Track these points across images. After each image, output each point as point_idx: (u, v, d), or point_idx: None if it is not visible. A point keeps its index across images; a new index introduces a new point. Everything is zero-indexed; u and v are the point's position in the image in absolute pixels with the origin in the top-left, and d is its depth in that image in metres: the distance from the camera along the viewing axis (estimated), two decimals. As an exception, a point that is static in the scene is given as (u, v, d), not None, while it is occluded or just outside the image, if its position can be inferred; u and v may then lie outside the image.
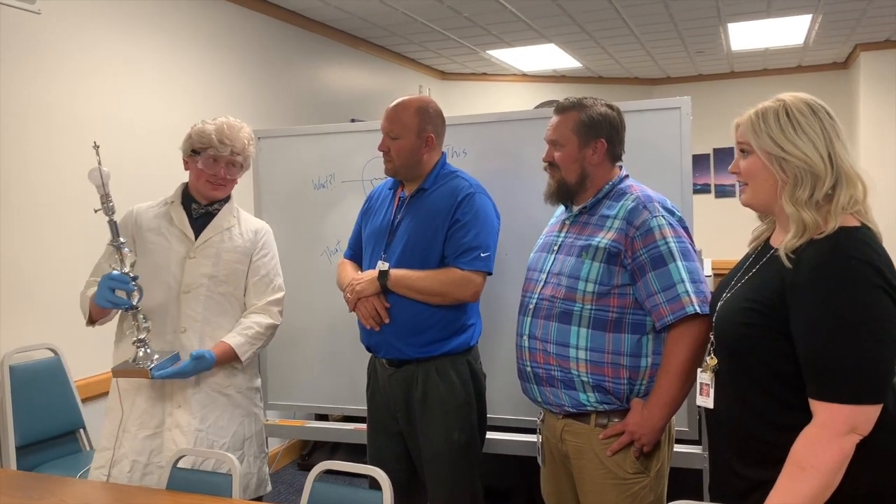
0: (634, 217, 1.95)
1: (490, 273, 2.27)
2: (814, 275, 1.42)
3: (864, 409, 1.39)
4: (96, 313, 2.26)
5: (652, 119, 2.57)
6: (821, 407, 1.40)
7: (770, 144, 1.51)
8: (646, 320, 1.96)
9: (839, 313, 1.39)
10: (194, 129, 2.30)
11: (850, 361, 1.38)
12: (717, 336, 1.63)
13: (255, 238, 2.39)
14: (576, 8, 4.80)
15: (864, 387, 1.39)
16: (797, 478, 1.40)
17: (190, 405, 2.23)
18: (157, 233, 2.29)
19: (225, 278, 2.30)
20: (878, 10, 5.10)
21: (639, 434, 1.92)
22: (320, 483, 1.92)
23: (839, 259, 1.41)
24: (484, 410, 2.38)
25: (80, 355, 3.15)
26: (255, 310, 2.35)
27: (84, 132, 3.25)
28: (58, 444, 3.01)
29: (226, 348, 2.25)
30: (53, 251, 3.11)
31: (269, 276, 2.40)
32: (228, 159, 2.28)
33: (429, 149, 2.31)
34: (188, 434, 2.21)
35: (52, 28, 3.11)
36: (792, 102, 1.53)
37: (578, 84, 7.27)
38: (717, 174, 7.33)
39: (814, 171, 1.47)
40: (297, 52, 4.84)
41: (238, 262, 2.34)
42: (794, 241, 1.47)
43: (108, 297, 2.11)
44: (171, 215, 2.32)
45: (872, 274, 1.39)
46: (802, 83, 7.00)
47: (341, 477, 2.41)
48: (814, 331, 1.41)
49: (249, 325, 2.31)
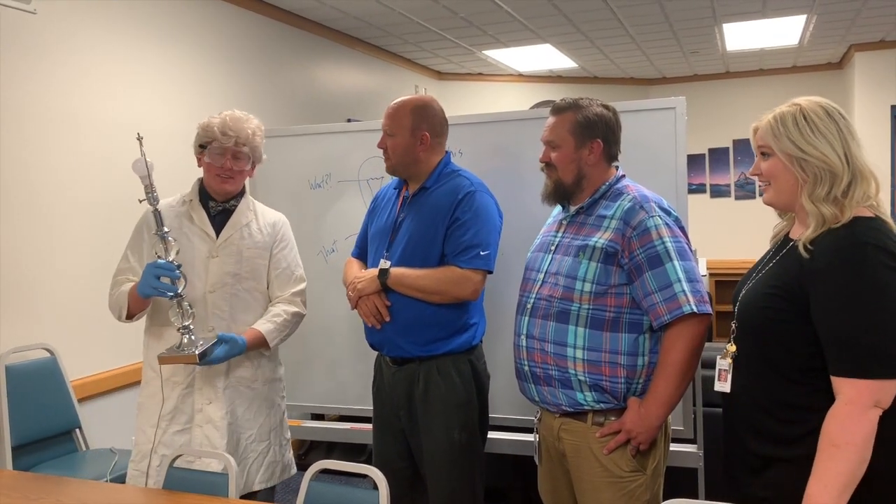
0: (631, 217, 1.96)
1: (490, 271, 2.27)
2: (832, 260, 1.51)
3: (887, 383, 1.47)
4: (136, 306, 2.25)
5: (647, 119, 2.58)
6: (846, 384, 1.48)
7: (790, 146, 1.60)
8: (643, 319, 1.97)
9: (858, 294, 1.48)
10: (201, 124, 2.32)
11: (871, 339, 1.47)
12: (740, 321, 1.69)
13: (274, 231, 2.42)
14: (571, 8, 4.81)
15: (885, 362, 1.47)
16: (834, 457, 1.46)
17: (220, 400, 2.26)
18: (178, 232, 2.30)
19: (248, 274, 2.34)
20: (872, 10, 5.12)
21: (635, 433, 1.93)
22: (317, 483, 1.92)
23: (856, 245, 1.50)
24: (486, 410, 2.38)
25: (76, 355, 3.15)
26: (280, 300, 2.40)
27: (80, 132, 3.25)
28: (54, 445, 3.01)
29: (256, 334, 2.29)
30: (50, 251, 3.11)
31: (291, 268, 2.44)
32: (234, 151, 2.29)
33: (425, 147, 2.31)
34: (221, 429, 2.24)
35: (47, 28, 3.11)
36: (808, 106, 1.61)
37: (574, 84, 7.28)
38: (712, 174, 7.34)
39: (832, 170, 1.56)
40: (293, 52, 4.84)
41: (259, 258, 2.37)
42: (812, 234, 1.56)
43: (153, 284, 2.13)
44: (190, 214, 2.34)
45: (887, 257, 1.48)
46: (797, 83, 7.02)
47: (338, 476, 2.41)
48: (834, 312, 1.50)
49: (278, 313, 2.35)
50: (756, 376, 1.64)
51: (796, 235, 1.63)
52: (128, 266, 2.31)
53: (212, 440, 2.23)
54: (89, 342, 3.25)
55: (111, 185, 3.32)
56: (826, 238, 1.54)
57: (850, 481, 1.45)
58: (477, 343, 2.36)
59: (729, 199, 7.26)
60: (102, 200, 3.30)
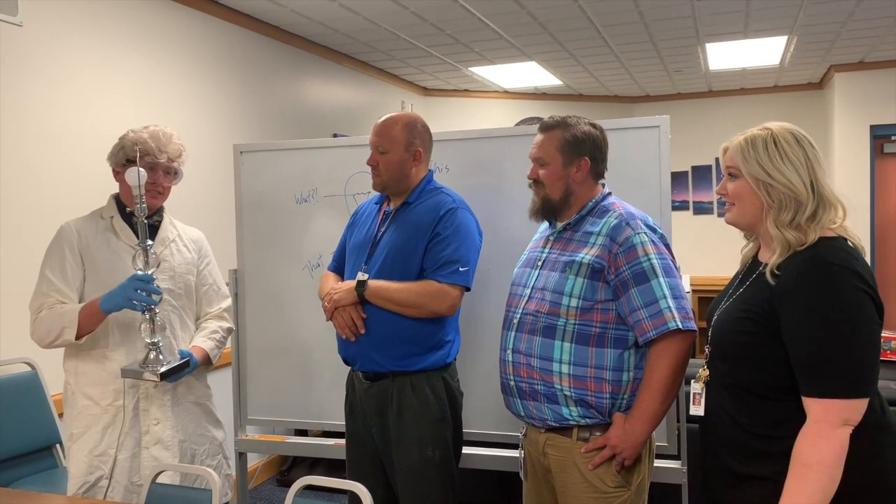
0: (617, 234, 1.98)
1: (468, 288, 2.27)
2: (799, 282, 1.53)
3: (854, 402, 1.49)
4: (91, 324, 2.17)
5: (632, 137, 2.60)
6: (814, 403, 1.50)
7: (758, 170, 1.62)
8: (628, 335, 1.98)
9: (825, 315, 1.50)
10: (127, 138, 2.27)
11: (839, 359, 1.49)
12: (714, 344, 1.71)
13: (198, 247, 2.43)
14: (557, 27, 4.85)
15: (853, 382, 1.49)
16: (805, 476, 1.48)
17: (169, 419, 2.23)
18: (105, 248, 2.26)
19: (181, 291, 2.33)
20: (852, 32, 5.21)
21: (620, 448, 1.94)
22: (301, 499, 1.91)
23: (821, 266, 1.53)
24: (460, 427, 2.37)
25: (57, 370, 3.09)
26: (211, 316, 2.41)
27: (64, 144, 3.23)
28: (34, 460, 2.96)
29: (202, 352, 2.30)
30: (31, 264, 3.06)
31: (217, 283, 2.46)
32: (165, 167, 2.27)
33: (416, 163, 2.32)
34: (172, 448, 2.22)
35: (34, 40, 3.10)
36: (779, 132, 1.64)
37: (559, 101, 7.33)
38: (695, 191, 7.41)
39: (797, 198, 1.59)
40: (280, 67, 4.85)
41: (189, 274, 2.37)
42: (778, 259, 1.58)
43: (131, 296, 2.10)
44: (114, 229, 2.29)
45: (852, 277, 1.51)
46: (778, 103, 7.11)
47: (322, 493, 2.40)
48: (803, 333, 1.52)
49: (215, 330, 2.37)
50: (732, 396, 1.66)
51: (765, 258, 1.66)
52: (53, 287, 2.21)
53: (161, 460, 2.19)
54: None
55: (95, 198, 3.27)
56: (793, 261, 1.57)
57: (821, 500, 1.46)
58: (451, 361, 2.35)
59: (712, 217, 7.31)
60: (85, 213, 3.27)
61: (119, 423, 2.21)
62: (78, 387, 2.25)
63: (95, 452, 2.21)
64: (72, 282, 2.22)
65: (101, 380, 2.22)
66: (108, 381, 2.22)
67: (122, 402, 2.21)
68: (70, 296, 2.22)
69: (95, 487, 2.20)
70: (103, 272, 2.24)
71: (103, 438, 2.21)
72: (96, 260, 2.25)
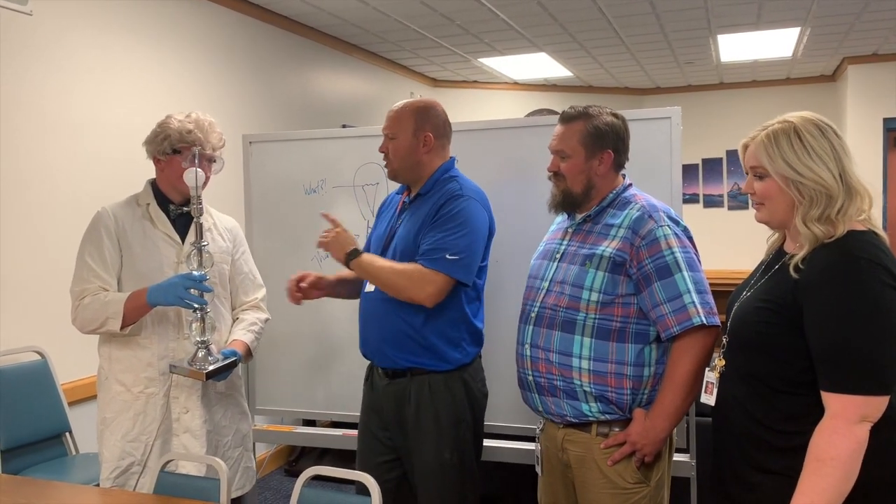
0: (640, 226, 1.94)
1: (460, 281, 2.13)
2: (825, 274, 1.49)
3: (875, 399, 1.46)
4: (137, 315, 2.17)
5: (642, 129, 2.57)
6: (833, 398, 1.47)
7: (786, 169, 1.56)
8: (649, 330, 1.95)
9: (850, 310, 1.46)
10: (172, 127, 2.23)
11: (861, 355, 1.46)
12: (732, 334, 1.68)
13: (233, 236, 2.41)
14: (567, 18, 4.82)
15: (874, 379, 1.46)
16: (819, 472, 1.45)
17: (198, 408, 2.24)
18: (142, 236, 2.25)
19: (216, 280, 2.30)
20: (865, 24, 5.16)
21: (640, 444, 1.91)
22: (308, 489, 1.91)
23: (849, 260, 1.49)
24: (481, 428, 2.31)
25: (66, 358, 3.12)
26: (248, 306, 2.39)
27: (75, 133, 3.23)
28: (44, 448, 2.98)
29: (244, 346, 2.29)
30: (42, 253, 3.09)
31: (253, 272, 2.45)
32: (209, 156, 2.25)
33: (427, 150, 2.24)
34: (199, 437, 2.23)
35: (43, 29, 3.09)
36: (801, 124, 1.57)
37: (569, 93, 7.30)
38: (705, 184, 7.37)
39: (828, 192, 1.54)
40: (289, 57, 4.83)
41: (224, 263, 2.35)
42: (805, 253, 1.54)
43: (181, 294, 2.10)
44: (151, 217, 2.27)
45: (881, 272, 1.47)
46: (791, 95, 7.06)
47: (329, 483, 2.40)
48: (826, 327, 1.48)
49: (254, 322, 2.35)
50: (749, 388, 1.63)
51: (790, 249, 1.62)
52: (94, 274, 2.20)
53: (189, 449, 2.19)
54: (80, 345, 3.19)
55: (106, 187, 3.29)
56: (820, 253, 1.52)
57: (834, 497, 1.44)
58: (471, 361, 2.27)
59: (722, 210, 7.29)
60: (97, 202, 3.26)
61: (151, 411, 2.21)
62: (111, 372, 2.25)
63: (128, 438, 2.21)
64: (111, 268, 2.22)
65: (133, 367, 2.22)
66: (141, 368, 2.22)
67: (153, 390, 2.21)
68: (110, 282, 2.21)
69: (127, 473, 2.21)
70: (139, 259, 2.23)
71: (135, 425, 2.21)
72: (133, 247, 2.24)
